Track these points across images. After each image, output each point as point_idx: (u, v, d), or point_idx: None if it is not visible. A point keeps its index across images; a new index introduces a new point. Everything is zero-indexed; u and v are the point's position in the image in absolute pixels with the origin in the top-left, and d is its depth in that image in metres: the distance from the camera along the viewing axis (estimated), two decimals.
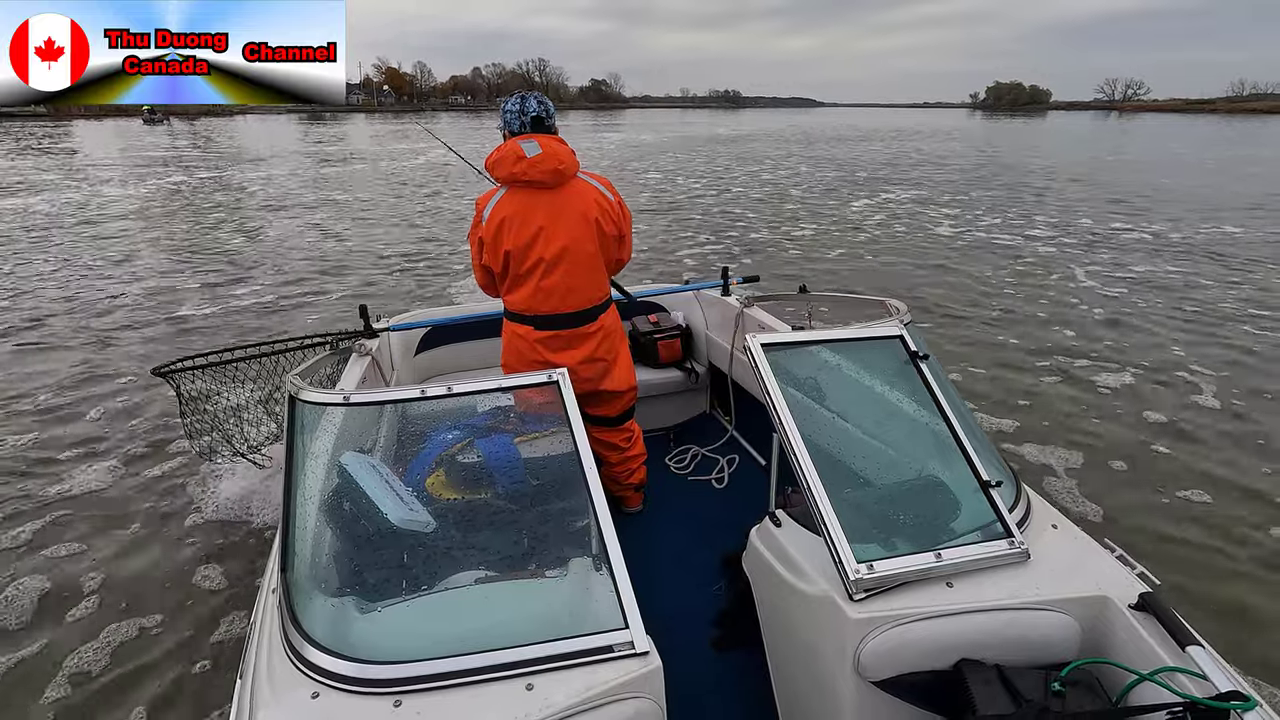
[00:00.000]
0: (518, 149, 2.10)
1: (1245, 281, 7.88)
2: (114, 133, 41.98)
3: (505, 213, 2.13)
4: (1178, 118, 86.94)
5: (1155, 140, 37.85)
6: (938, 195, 15.41)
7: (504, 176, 2.14)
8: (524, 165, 2.09)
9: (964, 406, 1.74)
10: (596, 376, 2.40)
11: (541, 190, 2.14)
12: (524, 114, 2.20)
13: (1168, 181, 17.77)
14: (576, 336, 2.30)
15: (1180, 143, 35.45)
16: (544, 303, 2.22)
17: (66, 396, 4.87)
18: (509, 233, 2.14)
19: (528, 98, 2.23)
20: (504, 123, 2.25)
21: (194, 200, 14.75)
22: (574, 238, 2.18)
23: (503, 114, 2.25)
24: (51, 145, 31.61)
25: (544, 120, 2.22)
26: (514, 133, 2.20)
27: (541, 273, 2.18)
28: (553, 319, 2.25)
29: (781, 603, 1.56)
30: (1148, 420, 4.41)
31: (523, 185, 2.13)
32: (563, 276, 2.20)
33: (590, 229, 2.21)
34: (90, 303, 7.21)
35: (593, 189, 2.23)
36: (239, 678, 1.38)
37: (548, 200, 2.15)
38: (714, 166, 22.50)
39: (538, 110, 2.21)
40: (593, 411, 2.46)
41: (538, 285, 2.20)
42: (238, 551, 3.13)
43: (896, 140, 37.94)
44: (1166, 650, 1.24)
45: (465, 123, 63.50)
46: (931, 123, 74.64)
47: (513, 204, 2.14)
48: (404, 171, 19.96)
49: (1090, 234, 10.70)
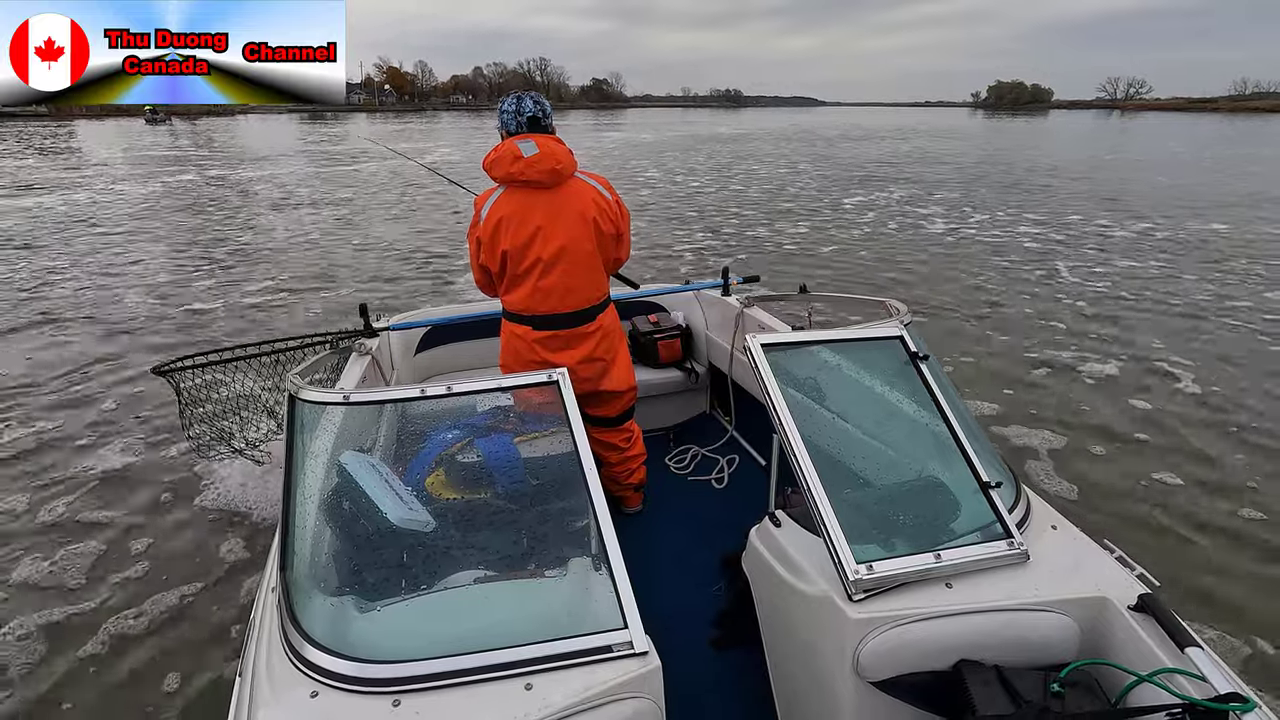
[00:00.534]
0: (515, 149, 2.10)
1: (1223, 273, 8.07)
2: (117, 132, 41.95)
3: (503, 212, 2.13)
4: (1180, 117, 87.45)
5: (1155, 139, 38.10)
6: (928, 193, 15.65)
7: (501, 176, 2.14)
8: (521, 165, 2.09)
9: (964, 407, 1.73)
10: (595, 376, 2.40)
11: (539, 190, 2.14)
12: (520, 114, 2.20)
13: (1163, 179, 17.92)
14: (575, 336, 2.30)
15: (1179, 141, 35.64)
16: (542, 303, 2.22)
17: (73, 391, 4.91)
18: (506, 232, 2.14)
19: (523, 98, 2.23)
20: (501, 123, 2.25)
21: (201, 197, 14.83)
22: (572, 237, 2.17)
23: (500, 114, 2.25)
24: (54, 145, 31.61)
25: (540, 120, 2.22)
26: (511, 133, 2.20)
27: (539, 272, 2.18)
28: (551, 319, 2.25)
29: (781, 603, 1.56)
30: (1131, 406, 4.55)
31: (520, 185, 2.14)
32: (560, 276, 2.19)
33: (588, 228, 2.20)
34: (101, 299, 7.28)
35: (590, 188, 2.23)
36: (238, 676, 1.38)
37: (545, 200, 2.15)
38: (715, 163, 22.68)
39: (534, 110, 2.21)
40: (592, 412, 2.46)
41: (535, 285, 2.19)
42: (237, 549, 3.14)
43: (898, 139, 38.21)
44: (1165, 651, 1.24)
45: (467, 122, 63.51)
46: (933, 122, 75.18)
47: (510, 204, 2.14)
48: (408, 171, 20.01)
49: (1074, 230, 10.92)
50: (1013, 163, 22.94)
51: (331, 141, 34.67)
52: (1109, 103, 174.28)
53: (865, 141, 35.83)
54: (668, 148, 30.17)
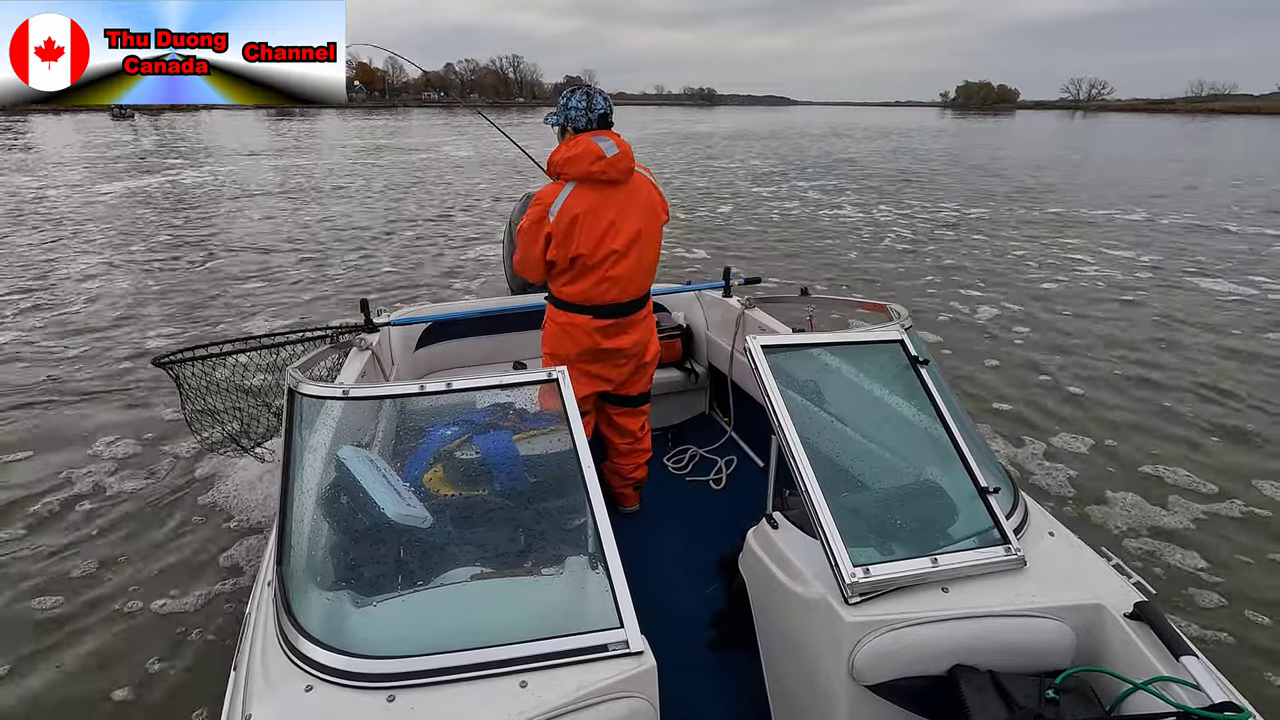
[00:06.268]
0: (595, 148, 2.12)
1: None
2: (83, 129, 40.32)
3: (577, 209, 2.15)
4: (1140, 118, 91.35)
5: (1106, 141, 40.15)
6: (848, 185, 17.00)
7: (579, 174, 2.15)
8: (603, 164, 2.13)
9: (963, 412, 1.74)
10: (641, 352, 2.46)
11: (612, 186, 2.18)
12: (592, 111, 2.20)
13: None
14: (631, 323, 2.37)
15: (1133, 143, 37.80)
16: (607, 293, 2.27)
17: (69, 386, 4.91)
18: (583, 229, 2.16)
19: (594, 95, 2.22)
20: (566, 118, 2.22)
21: (187, 194, 14.81)
22: (640, 230, 2.25)
23: (565, 109, 2.21)
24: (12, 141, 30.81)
25: (608, 117, 2.24)
26: (579, 129, 2.20)
27: (609, 265, 2.23)
28: (613, 308, 2.31)
29: (777, 605, 1.55)
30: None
31: (595, 182, 2.16)
32: (627, 268, 2.26)
33: (655, 222, 2.31)
34: (93, 293, 7.27)
35: (649, 183, 2.31)
36: (233, 670, 1.38)
37: (617, 195, 2.20)
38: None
39: (605, 108, 2.22)
40: (624, 392, 2.52)
41: (604, 276, 2.24)
42: (233, 543, 3.13)
43: (874, 139, 39.28)
44: (1161, 660, 1.24)
45: (440, 119, 62.59)
46: (902, 122, 77.33)
47: (583, 200, 2.16)
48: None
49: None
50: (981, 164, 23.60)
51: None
52: (1072, 103, 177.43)
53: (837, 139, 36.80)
54: (642, 144, 30.29)
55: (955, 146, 33.61)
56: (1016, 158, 26.62)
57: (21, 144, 28.15)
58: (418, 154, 25.83)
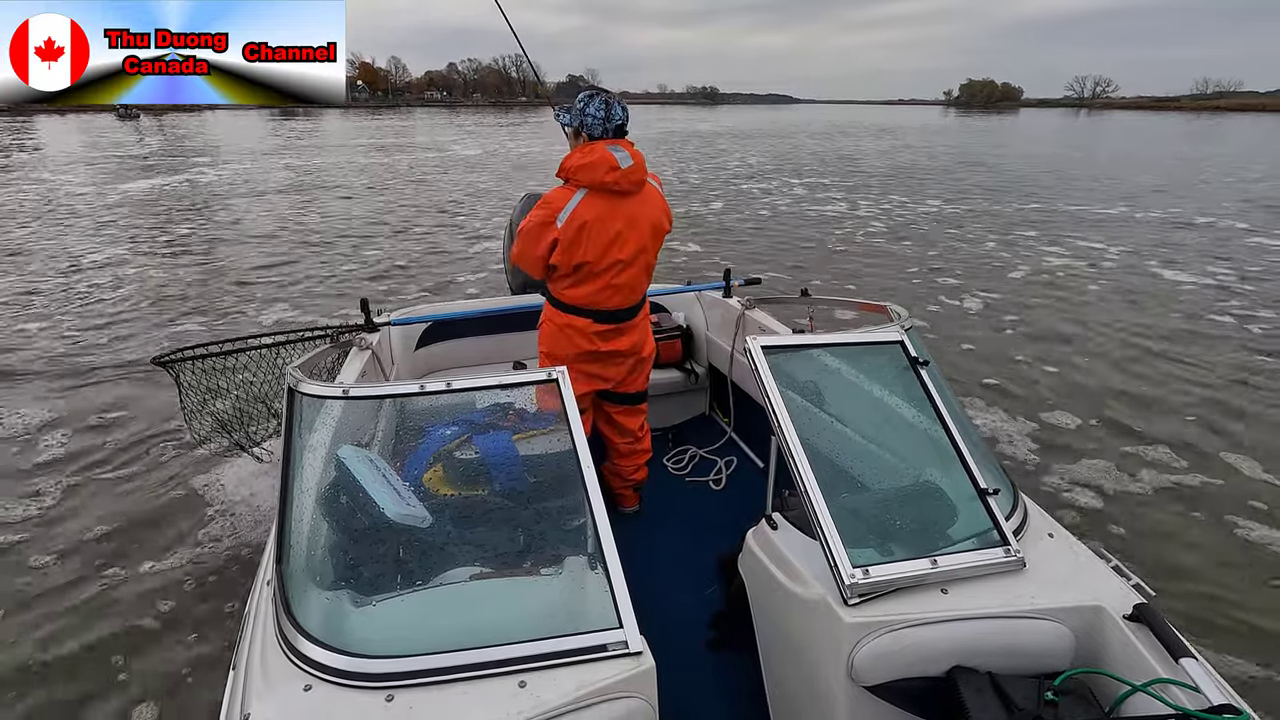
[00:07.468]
0: (611, 158, 2.10)
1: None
2: (89, 129, 40.73)
3: (586, 217, 2.14)
4: (1144, 115, 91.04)
5: (1111, 139, 40.20)
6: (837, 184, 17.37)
7: (591, 181, 2.13)
8: (616, 175, 2.11)
9: (963, 413, 1.74)
10: (638, 350, 2.47)
11: (623, 196, 2.18)
12: (610, 121, 2.17)
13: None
14: (630, 326, 2.39)
15: (1134, 140, 38.01)
16: (610, 299, 2.28)
17: (69, 385, 4.90)
18: (590, 237, 2.16)
19: (614, 105, 2.18)
20: (582, 124, 2.17)
21: (189, 194, 14.83)
22: (647, 240, 2.26)
23: (581, 114, 2.17)
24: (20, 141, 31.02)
25: (624, 127, 2.23)
26: (594, 137, 2.17)
27: (614, 273, 2.24)
28: (615, 313, 2.32)
29: (776, 605, 1.55)
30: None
31: (607, 191, 2.15)
32: (632, 276, 2.28)
33: (659, 233, 2.32)
34: (99, 289, 7.27)
35: (657, 193, 2.31)
36: (232, 669, 1.38)
37: (626, 205, 2.19)
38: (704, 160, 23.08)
39: (622, 118, 2.20)
40: (622, 390, 2.52)
41: (608, 283, 2.25)
42: (233, 542, 3.13)
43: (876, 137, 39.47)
44: (1160, 662, 1.24)
45: (443, 119, 62.75)
46: (906, 120, 77.73)
47: (593, 209, 2.15)
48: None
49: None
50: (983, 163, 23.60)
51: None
52: (1076, 101, 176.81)
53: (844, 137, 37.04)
54: (644, 145, 30.36)
55: (965, 144, 33.79)
56: (1040, 154, 26.53)
57: (31, 144, 28.25)
58: (427, 153, 25.89)
